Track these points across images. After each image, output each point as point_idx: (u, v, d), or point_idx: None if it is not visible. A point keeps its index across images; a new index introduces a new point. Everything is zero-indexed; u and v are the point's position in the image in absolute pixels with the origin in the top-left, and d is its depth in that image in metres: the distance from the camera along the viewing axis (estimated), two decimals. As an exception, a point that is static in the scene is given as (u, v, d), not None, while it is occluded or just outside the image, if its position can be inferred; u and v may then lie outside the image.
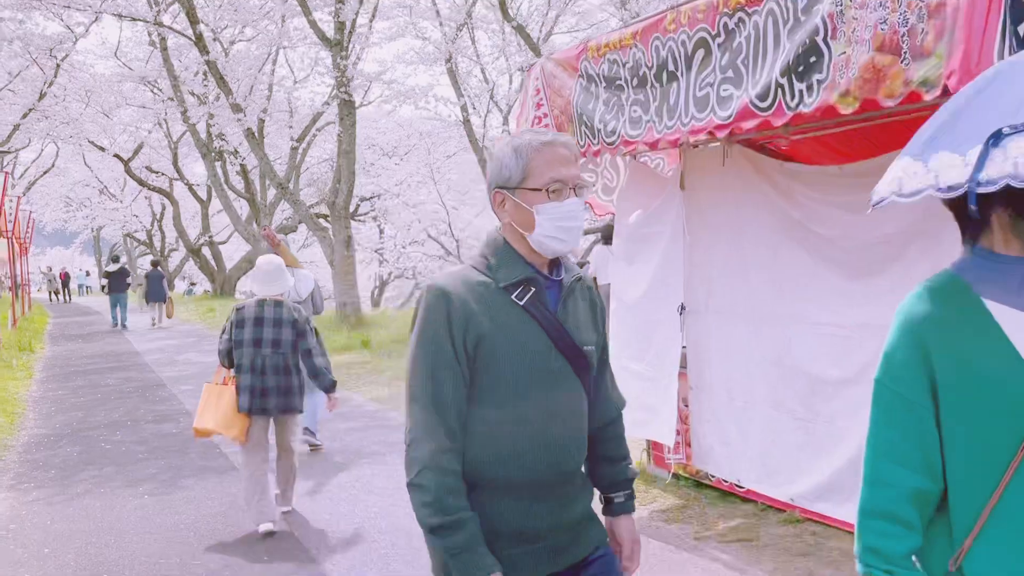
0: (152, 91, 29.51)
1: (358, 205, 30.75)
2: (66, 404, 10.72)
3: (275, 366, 5.39)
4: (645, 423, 5.79)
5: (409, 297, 40.16)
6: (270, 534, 5.33)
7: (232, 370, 5.47)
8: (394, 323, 17.80)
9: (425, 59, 20.70)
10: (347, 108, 16.20)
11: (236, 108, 17.38)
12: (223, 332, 5.52)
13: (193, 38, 16.84)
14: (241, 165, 26.88)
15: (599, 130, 5.13)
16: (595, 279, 11.99)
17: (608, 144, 5.09)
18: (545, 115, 5.76)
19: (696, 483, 5.73)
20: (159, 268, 23.29)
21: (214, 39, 19.21)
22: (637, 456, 6.30)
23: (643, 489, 5.85)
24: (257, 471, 5.40)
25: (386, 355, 13.43)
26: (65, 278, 41.48)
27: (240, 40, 20.54)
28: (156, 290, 22.03)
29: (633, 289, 5.89)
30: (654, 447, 6.11)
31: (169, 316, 23.06)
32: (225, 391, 5.44)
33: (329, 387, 5.62)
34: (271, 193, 23.52)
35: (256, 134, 18.25)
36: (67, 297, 40.55)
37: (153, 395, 11.11)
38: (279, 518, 5.57)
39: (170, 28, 17.95)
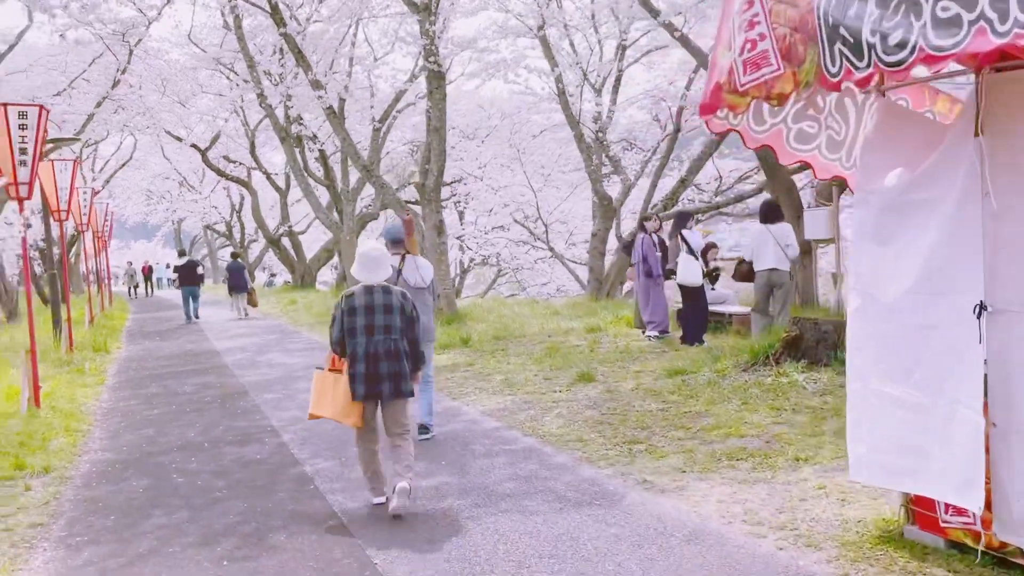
0: (227, 78, 28.66)
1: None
2: (137, 418, 9.44)
3: (387, 351, 5.49)
4: (906, 471, 4.10)
5: (491, 284, 38.68)
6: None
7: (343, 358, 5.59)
8: (491, 315, 16.29)
9: (508, 32, 18.98)
10: (436, 80, 14.66)
11: (316, 84, 16.01)
12: (333, 321, 5.64)
13: (268, 9, 15.49)
14: (320, 151, 25.71)
15: (872, 45, 3.38)
16: (751, 263, 10.25)
17: (890, 65, 3.33)
18: (762, 36, 4.04)
19: (997, 560, 3.99)
20: (239, 259, 23.24)
21: (290, 16, 17.83)
22: (892, 512, 4.58)
23: (899, 561, 4.15)
24: (368, 452, 5.68)
25: (489, 354, 11.88)
26: (148, 271, 41.17)
27: (316, 20, 19.16)
28: (238, 281, 22.13)
29: (892, 281, 4.14)
30: (916, 502, 4.37)
31: (254, 306, 22.84)
32: (340, 379, 5.58)
33: (417, 368, 5.76)
34: (353, 178, 22.21)
35: (337, 112, 16.85)
36: (149, 290, 40.24)
37: (234, 406, 9.76)
38: (391, 492, 5.51)
39: (245, 0, 16.63)
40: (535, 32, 18.32)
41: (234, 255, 24.56)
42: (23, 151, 9.23)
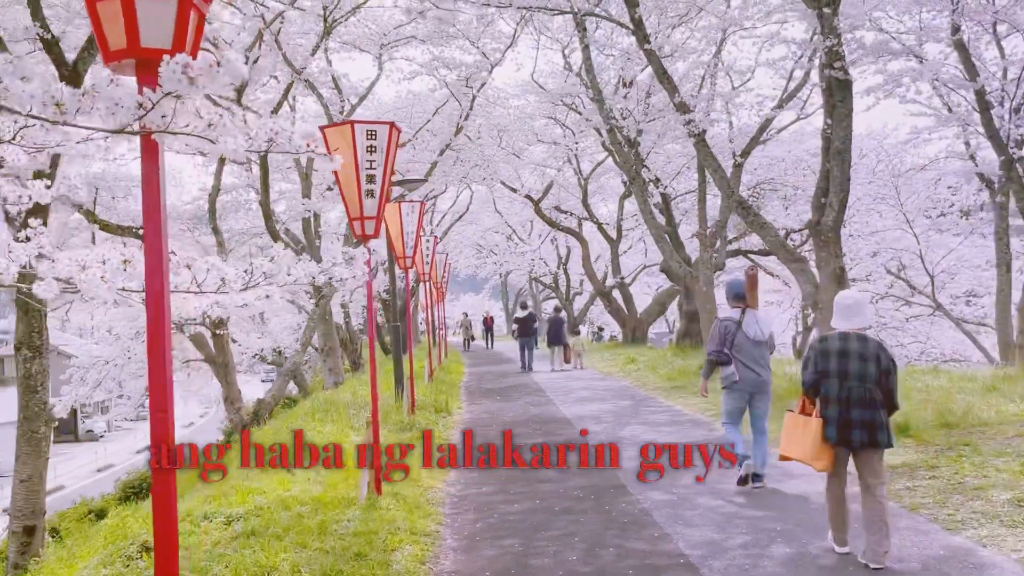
0: (563, 125, 27.62)
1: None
2: (495, 517, 7.32)
3: (861, 399, 5.40)
4: None
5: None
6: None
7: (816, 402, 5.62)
8: (910, 391, 12.72)
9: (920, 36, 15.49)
10: (842, 90, 11.65)
11: (682, 107, 13.68)
12: (806, 363, 5.66)
13: (631, 26, 13.42)
14: (663, 194, 23.51)
15: None
16: None
17: None
18: None
19: None
20: (561, 314, 23.45)
21: (654, 35, 15.72)
22: None
23: None
24: (836, 498, 5.65)
25: (948, 451, 8.51)
26: (491, 323, 41.12)
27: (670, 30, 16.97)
28: (556, 334, 22.57)
29: None
30: None
31: (566, 361, 22.74)
32: (811, 422, 5.54)
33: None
34: (710, 220, 19.64)
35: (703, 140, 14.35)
36: (490, 342, 39.98)
37: (615, 509, 7.33)
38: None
39: (600, 16, 14.72)
40: (948, 37, 14.74)
41: (556, 309, 24.83)
42: (370, 179, 7.57)
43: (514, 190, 31.86)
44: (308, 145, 3.42)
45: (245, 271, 4.62)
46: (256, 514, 6.70)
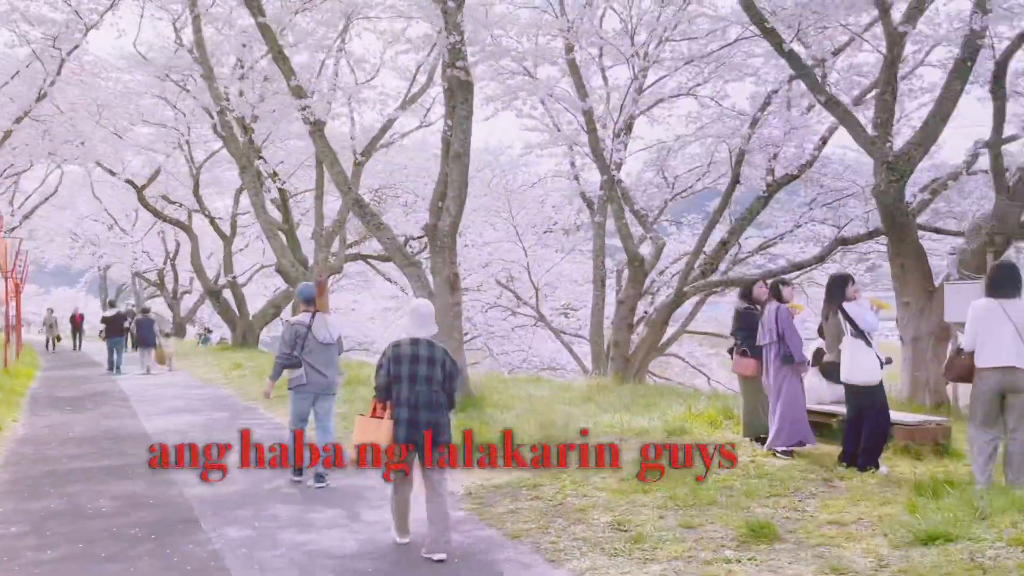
0: (174, 106, 25.01)
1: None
2: (15, 571, 5.64)
3: (428, 401, 5.72)
4: None
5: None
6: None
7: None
8: (502, 396, 12.72)
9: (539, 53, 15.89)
10: (464, 91, 11.29)
11: (298, 92, 12.56)
12: (379, 368, 5.86)
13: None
14: (280, 190, 22.12)
15: None
16: (971, 355, 6.88)
17: None
18: None
19: None
20: (150, 314, 22.42)
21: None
22: None
23: None
24: (403, 496, 5.97)
25: (551, 468, 8.28)
26: (80, 321, 35.04)
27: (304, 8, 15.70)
28: (145, 335, 21.39)
29: None
30: None
31: (160, 363, 21.57)
32: (383, 423, 5.73)
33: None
34: (328, 220, 18.55)
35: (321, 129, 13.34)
36: (77, 343, 34.28)
37: (182, 553, 5.99)
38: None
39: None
40: (564, 58, 15.26)
41: (144, 310, 23.93)
42: None
43: (113, 173, 28.46)
44: None
45: None
46: None
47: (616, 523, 6.28)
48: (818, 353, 8.87)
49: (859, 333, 7.65)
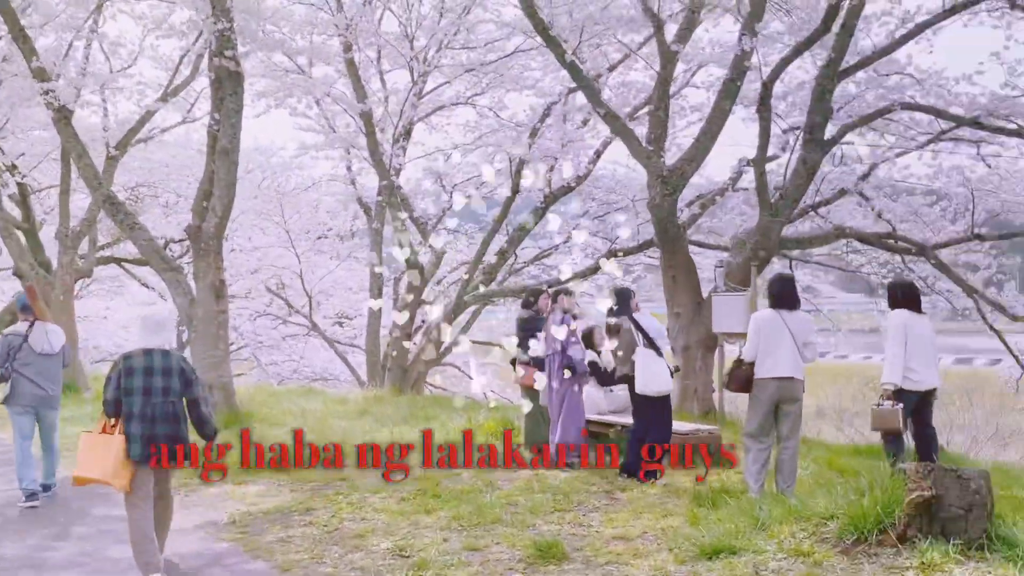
0: None
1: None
2: None
3: (165, 414, 5.36)
4: None
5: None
6: None
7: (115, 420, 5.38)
8: (272, 410, 11.95)
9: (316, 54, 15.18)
10: (232, 83, 10.44)
11: (40, 74, 11.18)
12: (108, 381, 5.40)
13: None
14: (19, 184, 19.81)
15: None
16: (752, 365, 7.05)
17: None
18: None
19: None
20: None
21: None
22: None
23: None
24: (144, 520, 5.31)
25: (324, 488, 7.71)
26: None
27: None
28: None
29: None
30: None
31: None
32: (113, 440, 5.26)
33: (212, 435, 5.64)
34: (75, 220, 16.67)
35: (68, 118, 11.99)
36: None
37: None
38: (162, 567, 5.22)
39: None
40: (341, 58, 14.66)
41: None
42: None
43: None
44: None
45: None
46: None
47: (397, 549, 5.86)
48: (593, 365, 8.87)
49: (651, 343, 7.71)
